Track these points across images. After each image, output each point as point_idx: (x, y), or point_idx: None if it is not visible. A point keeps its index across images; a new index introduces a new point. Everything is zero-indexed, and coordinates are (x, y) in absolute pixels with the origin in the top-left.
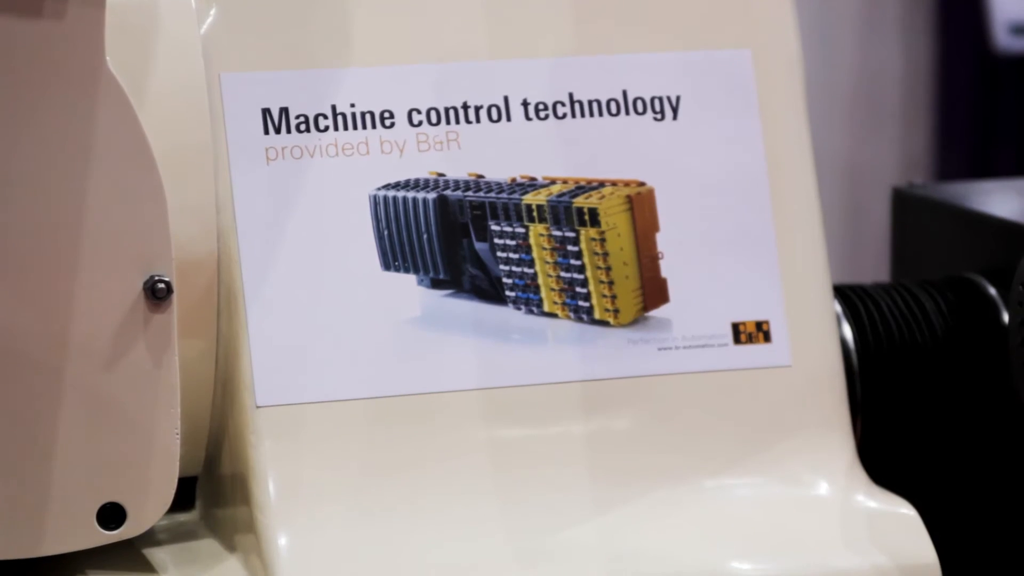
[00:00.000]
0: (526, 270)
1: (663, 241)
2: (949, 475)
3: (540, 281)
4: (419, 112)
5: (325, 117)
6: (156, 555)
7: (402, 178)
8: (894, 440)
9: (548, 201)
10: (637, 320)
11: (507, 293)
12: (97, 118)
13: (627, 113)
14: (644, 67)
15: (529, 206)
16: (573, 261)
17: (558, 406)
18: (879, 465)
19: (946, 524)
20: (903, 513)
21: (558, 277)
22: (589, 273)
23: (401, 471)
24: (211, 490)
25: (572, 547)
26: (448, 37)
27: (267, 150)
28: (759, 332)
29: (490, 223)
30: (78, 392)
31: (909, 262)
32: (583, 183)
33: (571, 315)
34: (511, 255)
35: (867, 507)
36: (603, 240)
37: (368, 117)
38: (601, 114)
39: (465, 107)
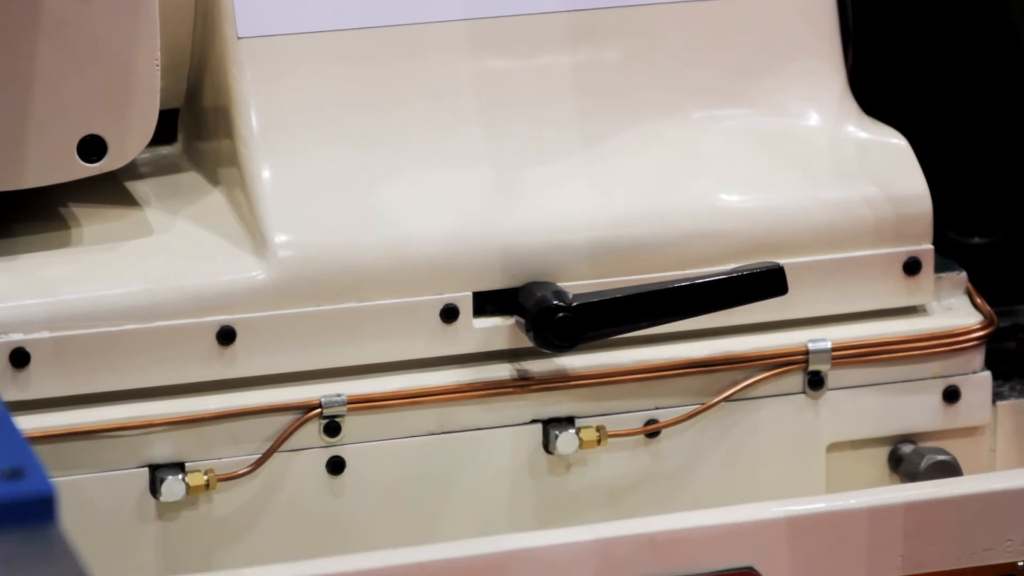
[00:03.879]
0: None
1: None
2: (941, 106)
3: None
4: None
5: None
6: (139, 188)
7: None
8: (886, 70)
9: None
10: None
11: None
12: None
13: None
14: None
15: None
16: None
17: (545, 37)
18: (870, 96)
19: (937, 155)
20: (894, 143)
21: None
22: None
23: (385, 102)
24: (193, 123)
25: (558, 178)
26: None
27: None
28: None
29: None
30: (54, 23)
31: None
32: None
33: None
34: None
35: (858, 137)
36: None
37: None
38: None
39: None
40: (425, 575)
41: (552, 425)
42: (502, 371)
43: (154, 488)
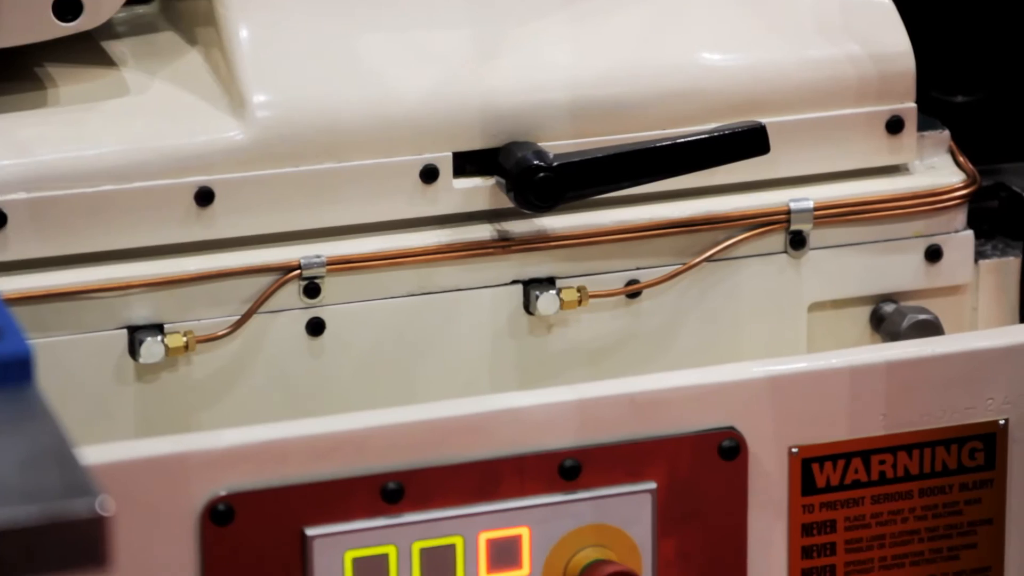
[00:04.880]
0: None
1: None
2: None
3: None
4: None
5: None
6: (115, 48)
7: None
8: None
9: None
10: None
11: None
12: None
13: None
14: None
15: None
16: None
17: None
18: None
19: (920, 12)
20: (876, 0)
21: None
22: None
23: None
24: None
25: (540, 36)
26: None
27: None
28: None
29: None
30: None
31: None
32: None
33: None
34: None
35: None
36: None
37: None
38: None
39: None
40: (405, 436)
41: (533, 286)
42: (482, 232)
43: (133, 350)
